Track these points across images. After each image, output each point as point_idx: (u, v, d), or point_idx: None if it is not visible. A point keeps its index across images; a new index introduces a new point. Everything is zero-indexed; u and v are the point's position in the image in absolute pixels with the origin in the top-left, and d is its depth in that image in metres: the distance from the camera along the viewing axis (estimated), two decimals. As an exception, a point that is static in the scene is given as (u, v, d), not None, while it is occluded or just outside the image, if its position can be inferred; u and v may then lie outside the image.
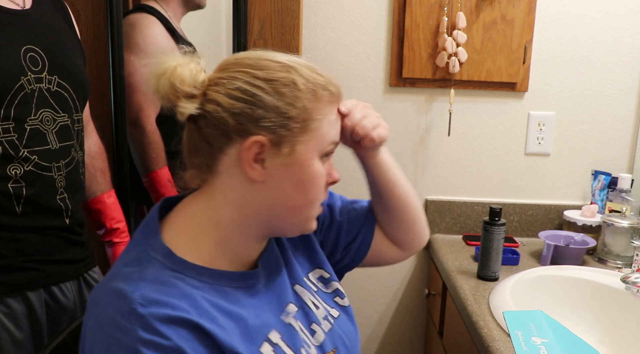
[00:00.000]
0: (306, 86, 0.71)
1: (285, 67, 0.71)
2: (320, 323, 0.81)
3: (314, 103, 0.71)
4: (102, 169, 1.23)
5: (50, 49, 0.99)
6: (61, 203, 1.01)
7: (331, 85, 0.74)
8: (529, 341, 1.00)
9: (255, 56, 0.73)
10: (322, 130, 0.72)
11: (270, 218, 0.73)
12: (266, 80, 0.70)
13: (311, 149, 0.72)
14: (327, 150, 0.74)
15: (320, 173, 0.73)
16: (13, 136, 0.92)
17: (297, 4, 1.48)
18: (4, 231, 0.94)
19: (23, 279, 0.97)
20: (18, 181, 0.94)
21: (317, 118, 0.72)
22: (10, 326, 0.96)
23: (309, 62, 0.75)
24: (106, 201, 1.22)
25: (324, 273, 0.89)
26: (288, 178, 0.71)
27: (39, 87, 0.96)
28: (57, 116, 1.00)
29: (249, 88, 0.69)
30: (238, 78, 0.70)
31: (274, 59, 0.72)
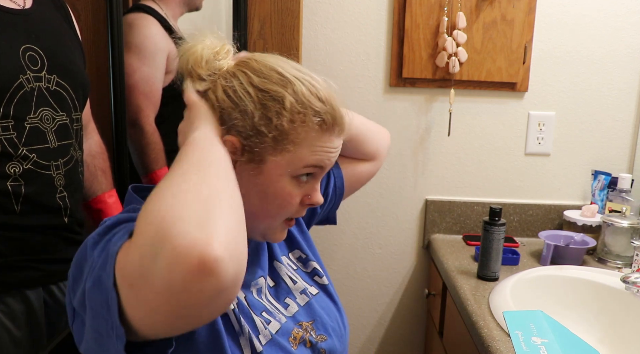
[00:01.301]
0: (293, 106, 0.71)
1: (283, 81, 0.72)
2: (295, 297, 0.86)
3: (297, 126, 0.71)
4: (103, 169, 1.23)
5: (49, 49, 0.99)
6: (60, 201, 1.01)
7: (327, 114, 0.72)
8: (529, 341, 1.00)
9: (266, 62, 0.74)
10: (299, 154, 0.72)
11: None
12: (258, 89, 0.71)
13: (281, 167, 0.72)
14: (301, 173, 0.73)
15: (287, 192, 0.74)
16: (12, 134, 0.93)
17: (297, 4, 1.48)
18: (3, 230, 0.94)
19: (22, 278, 0.97)
20: (17, 179, 0.94)
21: (295, 141, 0.71)
22: (9, 324, 0.96)
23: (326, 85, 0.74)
24: (107, 200, 1.22)
25: (301, 253, 0.94)
26: (253, 186, 0.73)
27: (39, 86, 0.96)
28: (56, 115, 1.00)
29: (239, 91, 0.71)
30: (238, 77, 0.72)
31: (280, 69, 0.73)
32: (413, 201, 1.75)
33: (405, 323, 1.84)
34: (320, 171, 0.76)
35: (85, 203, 1.20)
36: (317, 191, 0.77)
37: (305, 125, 0.71)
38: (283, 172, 0.72)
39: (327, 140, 0.74)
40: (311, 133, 0.72)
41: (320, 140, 0.73)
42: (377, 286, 1.81)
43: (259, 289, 0.82)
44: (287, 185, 0.73)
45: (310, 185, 0.76)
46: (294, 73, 0.73)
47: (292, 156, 0.72)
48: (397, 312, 1.83)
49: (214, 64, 0.73)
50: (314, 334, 0.83)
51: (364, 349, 1.85)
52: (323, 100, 0.73)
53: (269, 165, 0.72)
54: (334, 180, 1.02)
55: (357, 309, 1.82)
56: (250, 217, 0.74)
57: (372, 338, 1.85)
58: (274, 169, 0.72)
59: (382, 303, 1.82)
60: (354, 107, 1.68)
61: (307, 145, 0.72)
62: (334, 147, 0.75)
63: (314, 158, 0.73)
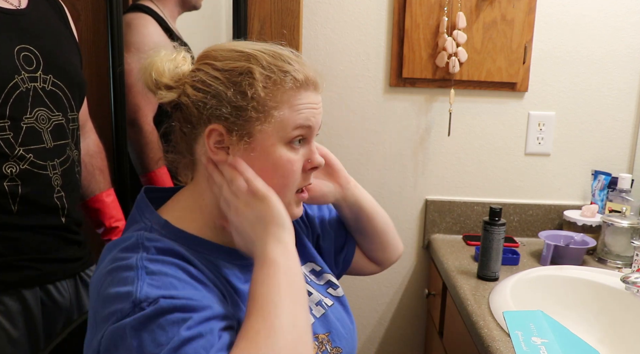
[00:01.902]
0: (262, 74, 0.72)
1: (244, 56, 0.74)
2: (311, 309, 0.84)
3: (271, 90, 0.72)
4: (101, 168, 1.23)
5: (45, 49, 0.99)
6: (58, 201, 1.01)
7: (297, 71, 0.73)
8: (529, 341, 1.00)
9: (221, 47, 0.77)
10: (284, 117, 0.73)
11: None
12: (222, 71, 0.73)
13: (271, 135, 0.73)
14: (293, 136, 0.74)
15: (287, 159, 0.74)
16: (9, 134, 0.93)
17: (297, 4, 1.48)
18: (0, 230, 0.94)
19: (19, 277, 0.97)
20: (14, 179, 0.94)
21: (274, 105, 0.72)
22: (5, 324, 0.96)
23: (285, 49, 0.77)
24: (105, 199, 1.22)
25: (315, 266, 0.93)
26: (252, 164, 0.73)
27: (34, 86, 0.96)
28: (52, 115, 1.00)
29: (207, 79, 0.73)
30: (201, 69, 0.75)
31: (237, 48, 0.75)
32: (413, 201, 1.75)
33: (405, 323, 1.84)
34: (309, 131, 0.76)
35: (83, 203, 1.20)
36: (314, 153, 0.77)
37: (280, 85, 0.72)
38: (275, 140, 0.73)
39: (305, 97, 0.74)
40: (288, 93, 0.73)
41: (299, 97, 0.74)
42: (377, 286, 1.81)
43: None
44: (283, 152, 0.73)
45: (305, 149, 0.77)
46: (252, 47, 0.75)
47: (278, 121, 0.72)
48: (397, 312, 1.83)
49: (176, 71, 0.75)
50: (330, 347, 0.82)
51: (364, 349, 1.86)
52: (288, 61, 0.74)
53: (259, 138, 0.72)
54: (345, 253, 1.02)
55: (357, 309, 1.82)
56: None
57: (372, 338, 1.85)
58: (266, 139, 0.73)
59: (382, 303, 1.82)
60: (354, 107, 1.68)
61: (287, 106, 0.73)
62: (314, 102, 0.76)
63: (299, 117, 0.73)
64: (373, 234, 1.00)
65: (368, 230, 1.00)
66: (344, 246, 1.02)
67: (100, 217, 1.22)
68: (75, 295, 1.09)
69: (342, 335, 0.85)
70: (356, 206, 0.97)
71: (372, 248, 1.02)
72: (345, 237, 1.02)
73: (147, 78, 0.76)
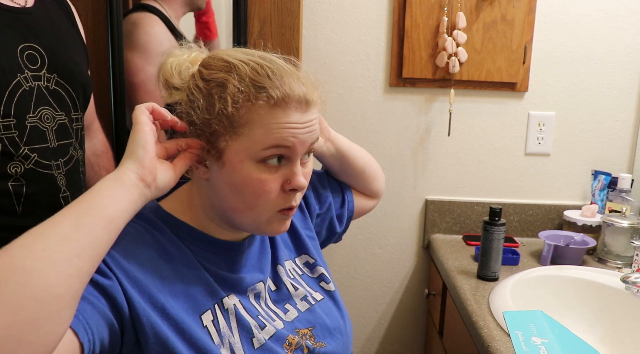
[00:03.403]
0: (235, 88, 0.69)
1: (227, 67, 0.72)
2: (295, 303, 0.85)
3: (241, 105, 0.69)
4: (108, 168, 1.23)
5: (50, 48, 0.99)
6: (63, 201, 1.01)
7: (274, 89, 0.69)
8: (529, 341, 1.00)
9: (217, 54, 0.76)
10: (254, 135, 0.69)
11: (223, 213, 0.77)
12: (205, 80, 0.72)
13: (240, 153, 0.70)
14: (264, 155, 0.70)
15: (256, 178, 0.71)
16: (14, 133, 0.92)
17: (297, 4, 1.48)
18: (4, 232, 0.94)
19: None
20: (18, 179, 0.93)
21: (242, 122, 0.69)
22: None
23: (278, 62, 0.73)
24: None
25: (309, 258, 0.93)
26: (223, 179, 0.73)
27: (37, 84, 0.96)
28: (56, 114, 1.00)
29: (193, 88, 0.73)
30: (195, 76, 0.74)
31: (227, 57, 0.73)
32: (413, 201, 1.75)
33: (405, 323, 1.84)
34: (289, 151, 0.71)
35: None
36: (296, 174, 0.73)
37: (250, 103, 0.69)
38: (243, 157, 0.70)
39: (281, 116, 0.70)
40: (259, 111, 0.69)
41: (273, 117, 0.69)
42: (377, 286, 1.81)
43: (257, 294, 0.81)
44: (253, 171, 0.71)
45: (287, 169, 0.73)
46: (240, 57, 0.73)
47: (247, 139, 0.70)
48: (397, 312, 1.83)
49: (186, 73, 0.75)
50: (313, 341, 0.82)
51: (364, 349, 1.86)
52: (269, 76, 0.70)
53: (228, 154, 0.71)
54: (347, 204, 1.05)
55: (357, 309, 1.82)
56: (234, 213, 0.75)
57: (372, 338, 1.85)
58: (234, 156, 0.71)
59: (382, 303, 1.82)
60: (354, 107, 1.68)
61: (259, 125, 0.69)
62: (295, 122, 0.71)
63: (272, 137, 0.70)
64: (360, 171, 1.04)
65: (354, 170, 1.03)
66: (344, 197, 1.04)
67: None
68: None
69: (329, 330, 0.85)
70: (340, 153, 0.98)
71: (362, 184, 1.06)
72: (341, 188, 1.05)
73: (159, 78, 0.77)
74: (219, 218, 0.78)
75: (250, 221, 0.75)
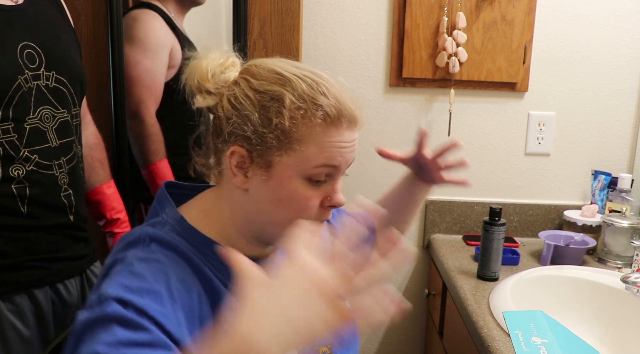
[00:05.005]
0: (293, 103, 0.68)
1: (281, 80, 0.70)
2: None
3: (299, 122, 0.68)
4: (101, 160, 1.23)
5: (46, 45, 0.98)
6: (66, 200, 1.01)
7: (330, 107, 0.69)
8: (529, 341, 1.00)
9: (265, 64, 0.73)
10: (307, 152, 0.69)
11: (257, 227, 0.74)
12: (256, 91, 0.70)
13: (290, 168, 0.69)
14: (313, 174, 0.70)
15: (302, 195, 0.70)
16: (13, 136, 0.92)
17: (297, 4, 1.48)
18: (10, 232, 0.94)
19: (30, 277, 0.97)
20: (21, 181, 0.94)
21: (298, 138, 0.68)
22: (17, 323, 0.96)
23: (332, 79, 0.73)
24: (105, 191, 1.21)
25: None
26: (266, 192, 0.71)
27: (37, 84, 0.95)
28: (57, 112, 0.99)
29: (240, 97, 0.71)
30: (239, 84, 0.72)
31: (278, 69, 0.71)
32: (413, 201, 1.75)
33: (405, 323, 1.84)
34: (335, 170, 0.72)
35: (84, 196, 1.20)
36: (336, 192, 0.73)
37: (308, 120, 0.68)
38: (292, 173, 0.69)
39: (335, 135, 0.70)
40: (316, 129, 0.69)
41: (327, 135, 0.69)
42: (377, 286, 1.81)
43: None
44: (300, 187, 0.70)
45: (328, 186, 0.73)
46: (293, 71, 0.71)
47: (300, 155, 0.69)
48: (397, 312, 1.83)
49: (220, 77, 0.73)
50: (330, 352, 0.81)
51: (364, 349, 1.85)
52: (325, 94, 0.70)
53: (277, 168, 0.69)
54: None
55: (357, 309, 1.82)
56: (272, 226, 0.73)
57: (372, 338, 1.85)
58: (283, 171, 0.69)
59: (382, 303, 1.82)
60: (354, 107, 1.68)
61: (314, 143, 0.69)
62: (345, 141, 0.71)
63: (323, 156, 0.69)
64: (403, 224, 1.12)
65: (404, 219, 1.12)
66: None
67: (101, 209, 1.21)
68: (82, 292, 1.09)
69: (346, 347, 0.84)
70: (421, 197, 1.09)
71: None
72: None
73: (190, 78, 0.73)
74: (250, 232, 0.75)
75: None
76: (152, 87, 1.42)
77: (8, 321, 0.95)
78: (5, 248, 0.94)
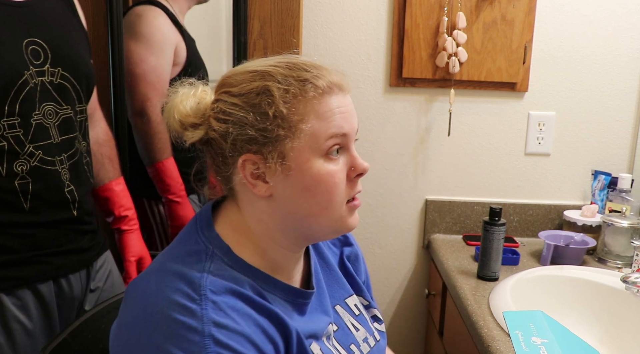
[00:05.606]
0: (280, 89, 0.68)
1: (258, 75, 0.70)
2: (359, 345, 0.83)
3: (293, 103, 0.68)
4: (110, 157, 1.23)
5: (53, 41, 0.98)
6: (69, 195, 1.02)
7: (316, 78, 0.69)
8: (529, 341, 1.00)
9: (235, 71, 0.73)
10: (313, 128, 0.69)
11: (295, 227, 0.73)
12: (239, 95, 0.70)
13: (305, 151, 0.69)
14: (328, 146, 0.69)
15: (327, 173, 0.69)
16: (19, 132, 0.93)
17: (297, 4, 1.48)
18: (14, 228, 0.95)
19: (34, 272, 0.98)
20: (24, 177, 0.94)
21: (299, 118, 0.68)
22: (22, 317, 0.97)
23: (300, 57, 0.73)
24: (114, 188, 1.22)
25: (363, 300, 0.91)
26: (292, 187, 0.70)
27: (42, 80, 0.96)
28: (60, 109, 1.00)
29: (227, 108, 0.70)
30: (221, 100, 0.72)
31: (251, 68, 0.72)
32: (413, 201, 1.75)
33: (405, 323, 1.84)
34: (345, 138, 0.71)
35: (93, 192, 1.20)
36: (356, 158, 0.72)
37: (301, 97, 0.69)
38: (309, 155, 0.69)
39: (331, 102, 0.70)
40: (312, 103, 0.69)
41: (325, 104, 0.69)
42: (377, 286, 1.81)
43: (328, 336, 0.78)
44: (321, 167, 0.69)
45: (346, 157, 0.72)
46: (265, 63, 0.72)
47: (308, 134, 0.68)
48: (397, 312, 1.83)
49: (199, 108, 0.73)
50: None
51: (364, 349, 1.85)
52: (305, 70, 0.70)
53: (292, 156, 0.69)
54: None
55: (357, 309, 1.82)
56: (310, 220, 0.72)
57: (372, 338, 1.85)
58: (300, 156, 0.69)
59: (382, 303, 1.82)
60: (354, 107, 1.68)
61: (315, 117, 0.69)
62: (343, 105, 0.71)
63: (330, 125, 0.69)
64: None
65: None
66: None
67: (109, 206, 1.21)
68: (86, 284, 1.09)
69: None
70: None
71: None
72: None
73: (171, 121, 0.73)
74: (288, 239, 0.74)
75: (326, 223, 0.72)
76: (158, 84, 1.40)
77: (12, 315, 0.96)
78: (8, 243, 0.94)
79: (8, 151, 0.92)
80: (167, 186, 1.43)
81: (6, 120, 0.91)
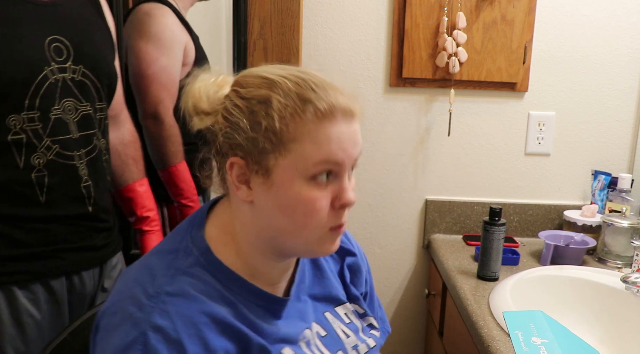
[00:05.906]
0: (280, 103, 0.67)
1: (267, 83, 0.69)
2: (347, 351, 0.82)
3: (289, 121, 0.67)
4: (135, 157, 1.24)
5: (76, 39, 1.00)
6: (85, 191, 1.03)
7: (320, 101, 0.67)
8: (529, 341, 1.01)
9: (251, 72, 0.73)
10: (303, 151, 0.66)
11: (271, 238, 0.73)
12: (244, 99, 0.69)
13: (290, 170, 0.67)
14: (314, 172, 0.67)
15: (307, 196, 0.68)
16: (37, 125, 0.95)
17: (297, 4, 1.48)
18: (28, 222, 0.97)
19: (47, 267, 0.99)
20: (41, 170, 0.96)
21: (291, 137, 0.67)
22: (34, 311, 0.98)
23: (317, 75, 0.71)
24: (138, 189, 1.23)
25: (358, 308, 0.90)
26: (271, 200, 0.69)
27: (63, 77, 0.98)
28: (80, 105, 1.01)
29: (231, 108, 0.70)
30: (229, 96, 0.71)
31: (264, 74, 0.71)
32: (413, 201, 1.75)
33: (405, 323, 1.84)
34: (337, 166, 0.68)
35: (116, 191, 1.21)
36: (345, 190, 0.70)
37: (298, 117, 0.67)
38: (293, 175, 0.67)
39: (330, 129, 0.67)
40: (308, 125, 0.67)
41: (322, 129, 0.67)
42: (377, 286, 1.80)
43: (307, 342, 0.78)
44: (303, 189, 0.67)
45: (335, 185, 0.70)
46: (279, 73, 0.70)
47: (296, 155, 0.67)
48: (397, 312, 1.83)
49: (214, 97, 0.72)
50: None
51: (364, 349, 1.85)
52: (313, 89, 0.68)
53: (276, 172, 0.68)
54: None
55: (357, 309, 1.82)
56: (285, 236, 0.71)
57: (372, 338, 1.85)
58: (283, 174, 0.67)
59: (382, 303, 1.82)
60: (354, 107, 1.68)
61: (309, 140, 0.66)
62: (343, 132, 0.68)
63: (322, 151, 0.67)
64: None
65: None
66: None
67: (132, 206, 1.23)
68: (99, 282, 1.10)
69: None
70: None
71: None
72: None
73: (185, 105, 0.73)
74: (265, 247, 0.74)
75: (301, 243, 0.72)
76: (169, 85, 1.38)
77: (24, 308, 0.97)
78: (22, 237, 0.96)
79: (26, 144, 0.94)
80: (181, 191, 1.40)
81: (26, 114, 0.93)
